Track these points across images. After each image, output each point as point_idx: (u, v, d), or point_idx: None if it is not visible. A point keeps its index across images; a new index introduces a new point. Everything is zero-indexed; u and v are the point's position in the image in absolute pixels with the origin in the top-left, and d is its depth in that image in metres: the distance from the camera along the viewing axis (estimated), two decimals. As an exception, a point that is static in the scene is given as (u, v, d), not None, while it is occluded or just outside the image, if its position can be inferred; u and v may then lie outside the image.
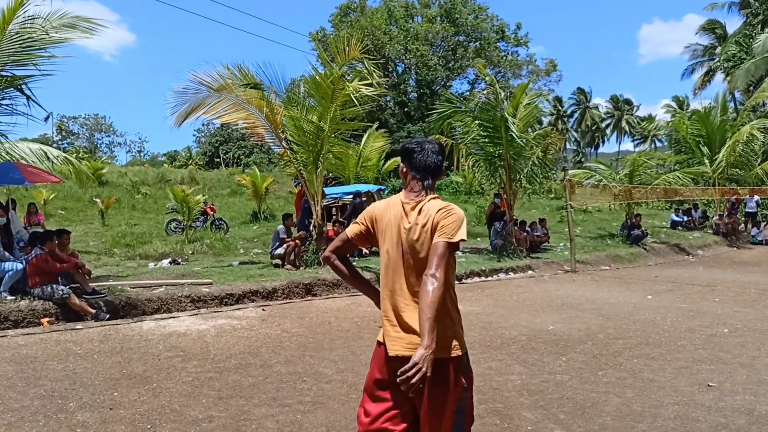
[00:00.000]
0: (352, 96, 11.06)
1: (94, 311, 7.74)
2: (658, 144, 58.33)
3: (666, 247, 18.30)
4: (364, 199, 14.07)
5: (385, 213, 2.67)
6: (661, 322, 8.04)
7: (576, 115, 76.43)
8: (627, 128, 73.65)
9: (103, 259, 12.41)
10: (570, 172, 17.92)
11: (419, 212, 2.56)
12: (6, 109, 7.81)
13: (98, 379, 5.30)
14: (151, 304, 8.31)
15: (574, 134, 76.35)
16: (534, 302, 9.67)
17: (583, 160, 67.55)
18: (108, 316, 7.81)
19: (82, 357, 6.06)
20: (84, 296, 7.96)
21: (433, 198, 2.61)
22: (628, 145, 78.94)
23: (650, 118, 46.80)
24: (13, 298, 7.71)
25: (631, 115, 75.08)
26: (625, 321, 8.09)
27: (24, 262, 7.92)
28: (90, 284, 8.37)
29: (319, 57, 25.86)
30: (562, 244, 17.08)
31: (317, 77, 11.46)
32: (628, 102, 76.33)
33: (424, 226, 2.52)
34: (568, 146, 70.91)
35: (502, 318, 8.27)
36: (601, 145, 78.95)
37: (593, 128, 75.34)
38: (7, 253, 8.03)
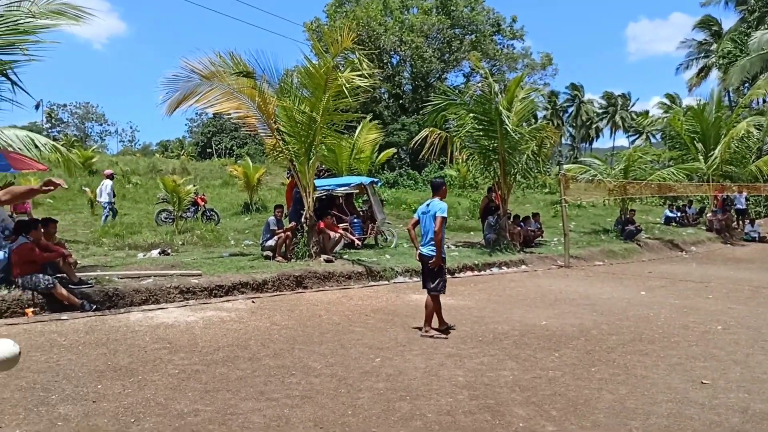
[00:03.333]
0: (344, 87, 10.92)
1: (80, 302, 7.60)
2: (653, 140, 58.44)
3: (660, 243, 18.32)
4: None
5: None
6: (655, 318, 8.00)
7: (570, 110, 76.43)
8: (621, 123, 73.72)
9: (92, 249, 12.24)
10: (565, 166, 17.90)
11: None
12: (-9, 95, 7.63)
13: (82, 371, 5.19)
14: (139, 295, 8.18)
15: (569, 129, 76.39)
16: (527, 297, 9.62)
17: (577, 155, 67.67)
18: (94, 306, 7.68)
19: (66, 348, 5.94)
20: (70, 286, 7.82)
21: None
22: (622, 140, 79.17)
23: (644, 115, 46.89)
24: (-3, 287, 7.55)
25: (626, 110, 75.14)
26: (619, 317, 8.06)
27: (8, 251, 7.76)
28: (77, 274, 8.23)
29: (312, 47, 25.67)
30: (556, 239, 17.07)
31: (310, 67, 11.30)
32: (624, 97, 76.38)
33: None
34: (563, 141, 70.95)
35: (495, 313, 8.21)
36: (595, 140, 79.10)
37: (588, 123, 75.40)
38: (-9, 242, 7.87)
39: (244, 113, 11.89)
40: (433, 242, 6.75)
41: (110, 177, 17.28)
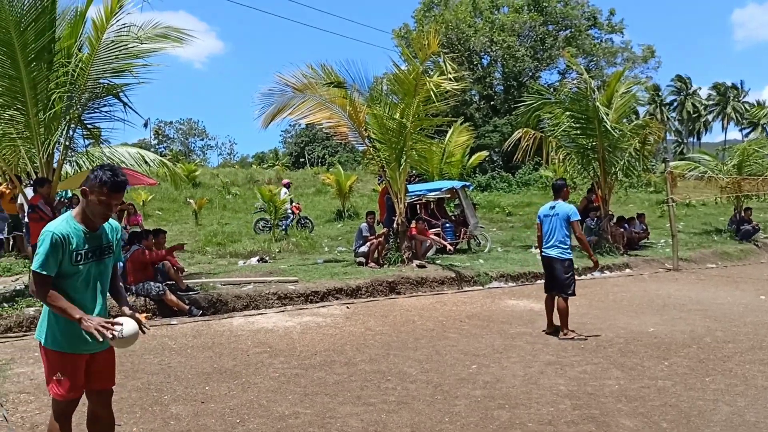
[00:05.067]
0: (432, 91, 10.87)
1: (187, 307, 8.05)
2: (770, 132, 53.68)
3: (781, 243, 16.78)
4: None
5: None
6: (778, 325, 7.31)
7: (675, 103, 71.89)
8: (734, 116, 68.39)
9: (197, 257, 12.95)
10: (671, 163, 16.80)
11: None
12: (105, 115, 8.29)
13: (191, 373, 5.46)
14: (240, 301, 8.53)
15: (675, 124, 71.87)
16: (632, 303, 9.11)
17: (684, 150, 63.54)
18: (201, 312, 8.10)
19: (176, 351, 6.29)
20: (178, 293, 8.30)
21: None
22: (735, 133, 73.34)
23: (759, 105, 43.18)
24: (115, 294, 8.13)
25: (739, 101, 69.63)
26: (735, 323, 7.47)
27: (124, 260, 8.36)
28: (184, 281, 8.72)
29: (402, 54, 25.85)
30: (663, 241, 16.14)
31: (399, 74, 11.36)
32: (736, 87, 70.84)
33: None
34: (668, 137, 66.82)
35: (597, 319, 7.82)
36: (704, 134, 73.87)
37: (695, 117, 70.58)
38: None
39: (335, 122, 12.15)
40: (559, 244, 6.87)
41: (287, 186, 18.32)
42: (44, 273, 2.90)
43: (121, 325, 2.95)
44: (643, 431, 4.03)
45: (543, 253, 7.07)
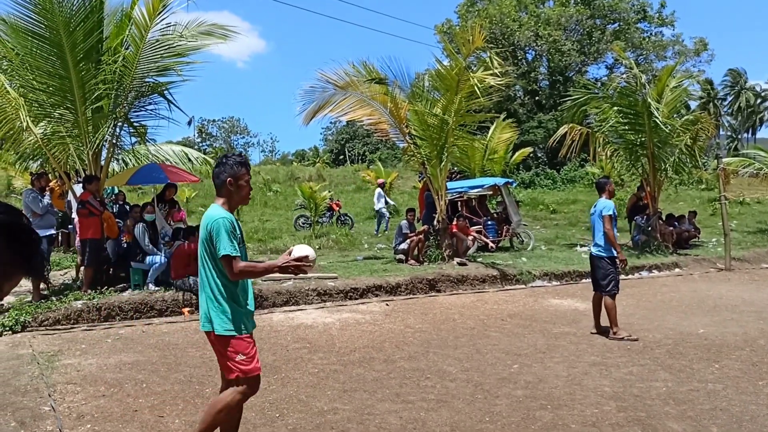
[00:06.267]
0: (476, 87, 10.72)
1: (230, 302, 8.15)
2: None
3: (844, 243, 15.91)
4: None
5: None
6: (838, 328, 6.92)
7: (729, 98, 69.11)
8: (791, 110, 65.33)
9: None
10: (724, 160, 16.15)
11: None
12: (150, 114, 8.49)
13: (231, 367, 5.52)
14: (280, 297, 8.61)
15: (728, 119, 69.12)
16: (681, 303, 8.79)
17: (738, 146, 61.07)
18: (242, 307, 8.19)
19: (218, 345, 6.37)
20: (221, 287, 8.41)
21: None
22: (792, 128, 70.00)
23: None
24: (158, 288, 8.34)
25: (797, 94, 66.45)
26: (792, 326, 7.08)
27: (168, 255, 8.55)
28: (227, 276, 8.84)
29: (444, 49, 25.67)
30: (714, 240, 15.56)
31: (441, 69, 11.27)
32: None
33: None
34: (721, 132, 64.32)
35: (645, 320, 7.57)
36: (759, 129, 70.74)
37: (750, 111, 67.71)
38: (153, 247, 8.72)
39: (376, 119, 12.14)
40: (599, 242, 6.79)
41: (381, 186, 18.61)
42: (234, 254, 3.14)
43: (306, 255, 3.22)
44: (692, 436, 3.88)
45: (590, 251, 7.05)
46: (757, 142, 59.62)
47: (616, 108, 13.89)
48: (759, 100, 67.74)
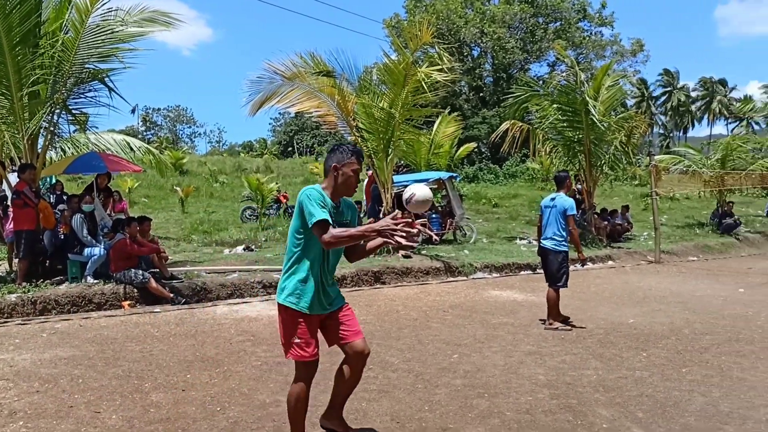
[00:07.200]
0: (422, 82, 10.87)
1: (171, 295, 8.04)
2: (756, 127, 54.21)
3: (761, 237, 17.13)
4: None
5: None
6: (754, 317, 7.47)
7: (662, 97, 72.29)
8: (720, 110, 68.93)
9: (182, 245, 12.89)
10: (656, 157, 16.96)
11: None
12: (90, 101, 8.22)
13: (173, 361, 5.47)
14: (224, 290, 8.54)
15: (661, 118, 72.32)
16: (613, 294, 9.23)
17: (670, 144, 64.03)
18: (184, 300, 8.09)
19: (158, 339, 6.29)
20: (162, 281, 8.28)
21: None
22: (720, 128, 73.96)
23: (746, 100, 43.51)
24: (97, 281, 8.12)
25: (725, 96, 70.16)
26: (714, 315, 7.59)
27: (107, 247, 8.32)
28: (168, 269, 8.69)
29: (392, 43, 25.75)
30: (646, 234, 16.32)
31: (389, 63, 11.35)
32: (722, 83, 71.34)
33: None
34: (654, 130, 67.25)
35: (579, 310, 7.91)
36: (690, 128, 74.40)
37: (681, 111, 71.06)
38: (91, 239, 8.46)
39: (324, 111, 12.12)
40: (554, 236, 6.91)
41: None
42: (325, 219, 3.04)
43: (412, 195, 3.24)
44: (619, 421, 4.08)
45: (540, 244, 7.12)
46: (687, 141, 62.68)
47: (555, 105, 14.35)
48: (690, 100, 71.17)
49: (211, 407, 4.33)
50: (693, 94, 72.47)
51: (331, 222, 3.07)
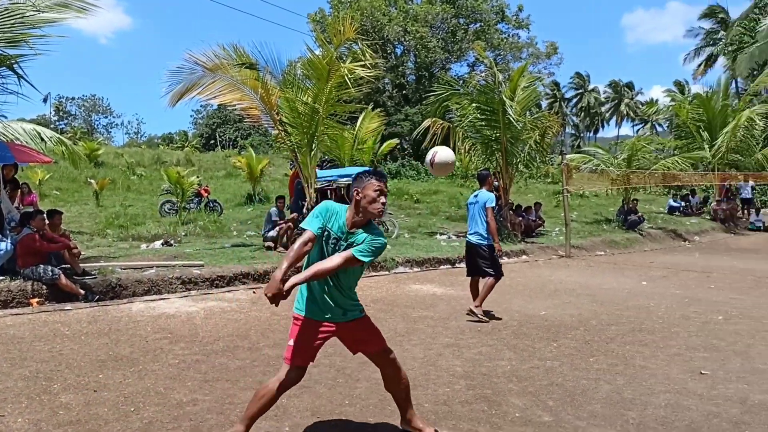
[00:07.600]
0: (346, 78, 10.91)
1: (83, 292, 7.67)
2: (659, 129, 58.07)
3: (663, 233, 18.27)
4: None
5: None
6: (655, 308, 7.99)
7: (574, 99, 75.99)
8: (627, 112, 73.28)
9: (96, 240, 12.30)
10: (568, 156, 17.82)
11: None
12: (-3, 88, 7.68)
13: (84, 361, 5.24)
14: (141, 286, 8.24)
15: (573, 118, 75.99)
16: (527, 287, 9.63)
17: (581, 144, 67.37)
18: (98, 297, 7.74)
19: (69, 338, 6.00)
20: (74, 277, 7.88)
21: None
22: (627, 129, 78.63)
23: (651, 103, 46.47)
24: (3, 278, 7.63)
25: (632, 99, 74.65)
26: (619, 307, 8.05)
27: (14, 242, 7.83)
28: (81, 265, 8.29)
29: (316, 38, 25.56)
30: (557, 229, 17.03)
31: (313, 58, 11.30)
32: (629, 86, 75.86)
33: None
34: (566, 130, 70.58)
35: (494, 303, 8.20)
36: (600, 129, 78.67)
37: (592, 113, 74.97)
38: (-4, 233, 7.95)
39: (247, 105, 11.91)
40: (479, 230, 7.25)
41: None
42: (303, 226, 3.38)
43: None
44: (531, 410, 4.27)
45: (467, 239, 7.47)
46: (597, 141, 66.28)
47: (474, 105, 14.77)
48: (599, 102, 75.19)
49: (125, 408, 4.20)
50: (603, 97, 76.61)
51: (314, 233, 3.33)
